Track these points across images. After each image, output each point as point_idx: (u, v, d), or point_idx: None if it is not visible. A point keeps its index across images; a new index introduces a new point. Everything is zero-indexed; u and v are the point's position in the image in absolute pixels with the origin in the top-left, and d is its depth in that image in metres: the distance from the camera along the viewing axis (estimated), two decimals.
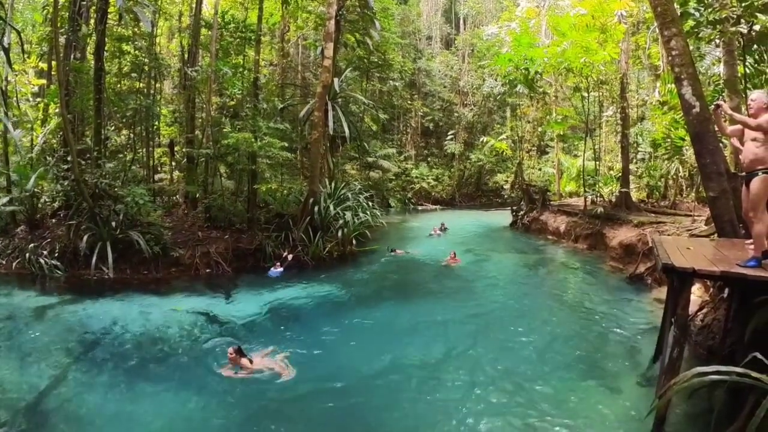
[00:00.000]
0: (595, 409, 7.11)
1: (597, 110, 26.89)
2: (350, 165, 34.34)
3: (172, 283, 14.30)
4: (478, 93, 43.01)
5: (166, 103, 22.52)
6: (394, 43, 33.91)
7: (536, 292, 14.33)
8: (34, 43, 19.77)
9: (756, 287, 5.93)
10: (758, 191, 6.20)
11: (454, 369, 8.64)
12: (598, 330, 10.51)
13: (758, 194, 6.21)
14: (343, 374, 8.46)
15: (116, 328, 10.40)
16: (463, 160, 43.44)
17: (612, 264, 16.43)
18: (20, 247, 14.74)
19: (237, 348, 8.15)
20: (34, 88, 18.61)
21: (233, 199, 18.40)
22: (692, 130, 9.39)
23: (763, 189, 6.17)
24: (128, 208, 14.67)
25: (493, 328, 10.89)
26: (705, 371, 5.08)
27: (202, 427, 6.67)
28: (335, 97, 22.09)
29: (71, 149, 14.31)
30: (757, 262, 5.89)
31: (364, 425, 6.90)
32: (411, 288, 14.93)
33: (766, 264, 5.94)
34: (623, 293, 13.28)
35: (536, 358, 9.01)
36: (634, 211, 19.52)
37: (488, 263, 17.89)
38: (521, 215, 26.60)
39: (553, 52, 20.98)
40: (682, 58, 9.34)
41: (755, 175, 6.25)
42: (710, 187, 9.02)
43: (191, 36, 19.35)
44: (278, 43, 25.76)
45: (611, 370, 8.51)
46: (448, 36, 52.66)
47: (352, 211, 19.04)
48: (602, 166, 25.81)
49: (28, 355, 9.10)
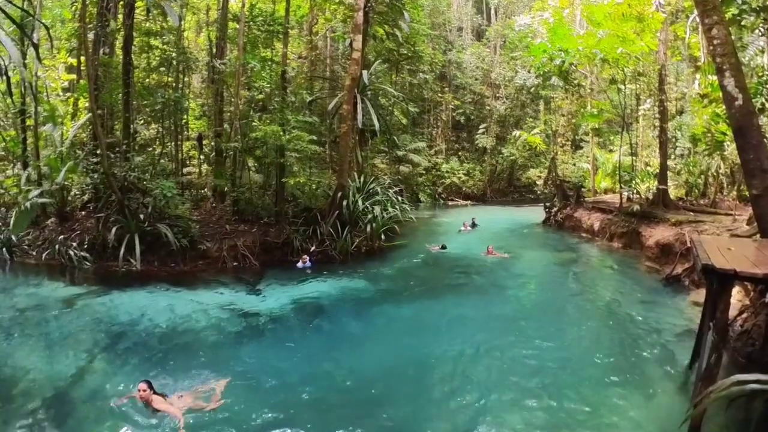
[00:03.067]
0: (626, 416, 6.82)
1: (634, 103, 26.06)
2: (379, 159, 34.18)
3: (199, 275, 14.43)
4: (510, 85, 42.26)
5: (195, 97, 22.71)
6: (424, 35, 33.50)
7: (568, 291, 13.95)
8: (63, 39, 20.11)
9: None
10: None
11: (481, 368, 8.46)
12: (632, 333, 10.12)
13: None
14: (367, 370, 8.39)
15: (143, 320, 10.52)
16: (495, 154, 42.74)
17: (648, 264, 15.88)
18: (50, 238, 15.07)
19: (148, 382, 6.76)
20: (64, 83, 18.96)
21: (261, 192, 18.45)
22: (735, 124, 8.90)
23: None
24: (156, 201, 14.81)
25: (523, 327, 10.62)
26: (744, 380, 4.75)
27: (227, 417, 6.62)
28: (364, 90, 21.91)
29: (101, 143, 14.49)
30: None
31: (386, 419, 6.77)
32: (440, 284, 14.71)
33: None
34: (659, 295, 12.81)
35: (567, 361, 8.73)
36: (672, 210, 18.86)
37: (519, 261, 17.54)
38: (554, 212, 26.04)
39: (588, 42, 20.35)
40: (724, 48, 8.83)
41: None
42: (753, 185, 8.52)
43: (219, 30, 19.42)
44: (306, 36, 25.69)
45: (645, 375, 8.14)
46: (479, 27, 51.92)
47: (381, 205, 18.91)
48: (639, 162, 25.02)
49: (56, 344, 9.29)
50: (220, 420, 6.56)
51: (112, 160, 15.12)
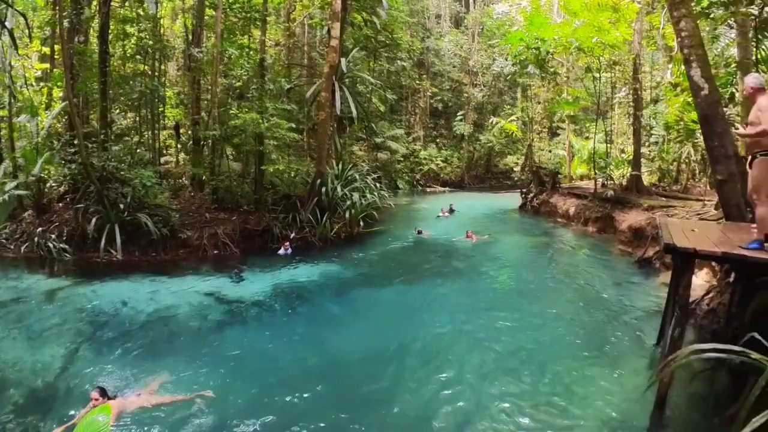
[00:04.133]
0: (598, 390, 7.16)
1: (609, 91, 26.52)
2: (358, 146, 34.24)
3: (180, 264, 14.44)
4: (488, 73, 42.58)
5: (171, 85, 22.48)
6: (402, 22, 33.53)
7: (544, 274, 14.30)
8: (36, 27, 19.71)
9: (757, 269, 5.88)
10: (759, 174, 6.12)
11: (460, 347, 8.74)
12: (604, 313, 10.49)
13: (759, 177, 6.11)
14: (349, 352, 8.61)
15: (126, 309, 10.54)
16: (473, 141, 43.12)
17: (621, 247, 16.35)
18: (28, 231, 14.87)
19: (101, 389, 6.44)
20: (38, 72, 18.61)
21: (240, 180, 18.47)
22: (701, 113, 9.25)
23: (764, 171, 6.08)
24: (135, 190, 14.77)
25: (499, 309, 10.95)
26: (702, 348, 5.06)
27: (211, 403, 6.74)
28: (342, 78, 21.93)
29: (78, 133, 14.35)
30: (759, 245, 5.83)
31: (367, 402, 6.97)
32: (418, 268, 14.96)
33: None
34: (631, 277, 13.25)
35: (542, 340, 9.06)
36: (645, 195, 19.36)
37: (496, 245, 17.88)
38: (530, 198, 26.48)
39: (565, 31, 20.65)
40: (691, 40, 9.16)
41: (756, 158, 6.17)
42: (718, 170, 8.90)
43: (195, 16, 19.22)
44: (284, 23, 25.50)
45: (616, 352, 8.50)
46: (457, 14, 52.04)
47: (360, 192, 19.08)
48: (614, 149, 25.54)
49: (39, 337, 9.23)
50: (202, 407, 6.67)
51: (90, 150, 14.98)
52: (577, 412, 6.56)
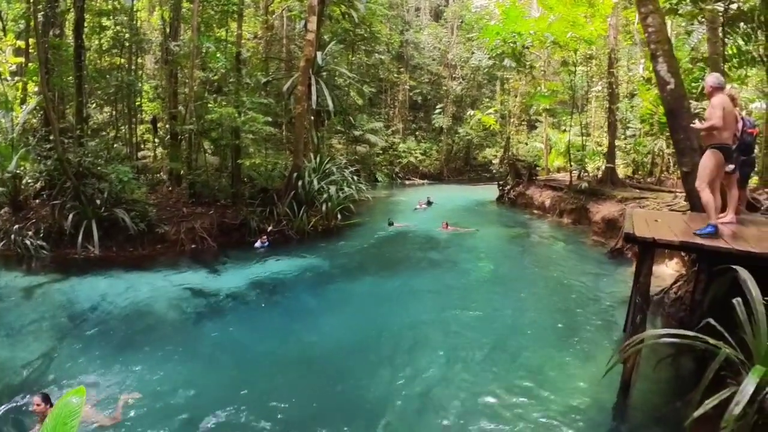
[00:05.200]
0: (568, 376, 7.45)
1: (586, 85, 26.88)
2: (336, 139, 34.24)
3: (158, 259, 14.41)
4: (466, 66, 42.69)
5: (148, 79, 22.25)
6: (381, 15, 33.43)
7: (518, 264, 14.61)
8: (11, 20, 19.34)
9: (716, 258, 6.16)
10: (703, 163, 6.76)
11: (434, 338, 8.94)
12: (576, 301, 10.81)
13: (703, 166, 6.74)
14: (325, 343, 8.76)
15: (104, 305, 10.54)
16: (452, 134, 43.30)
17: (594, 238, 16.71)
18: (4, 228, 14.65)
19: (44, 395, 6.03)
20: (12, 66, 18.29)
21: (217, 174, 18.46)
22: (667, 107, 9.55)
23: (708, 162, 6.68)
24: (112, 186, 14.67)
25: (474, 298, 11.25)
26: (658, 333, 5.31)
27: (190, 395, 6.86)
28: (319, 71, 21.97)
29: (54, 128, 14.21)
30: (713, 228, 6.21)
31: (341, 392, 7.12)
32: (394, 260, 15.17)
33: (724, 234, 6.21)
34: (603, 267, 13.59)
35: (514, 328, 9.34)
36: (619, 187, 19.73)
37: (473, 236, 18.13)
38: (507, 190, 26.79)
39: (541, 25, 20.89)
40: (658, 35, 9.42)
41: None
42: (683, 162, 9.20)
43: (172, 9, 19.04)
44: (262, 15, 25.35)
45: (586, 339, 8.80)
46: (437, 7, 52.01)
47: (337, 185, 19.17)
48: (591, 142, 25.90)
49: (18, 333, 9.21)
50: (181, 398, 6.79)
51: (66, 146, 14.84)
52: (547, 396, 6.80)
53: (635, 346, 5.35)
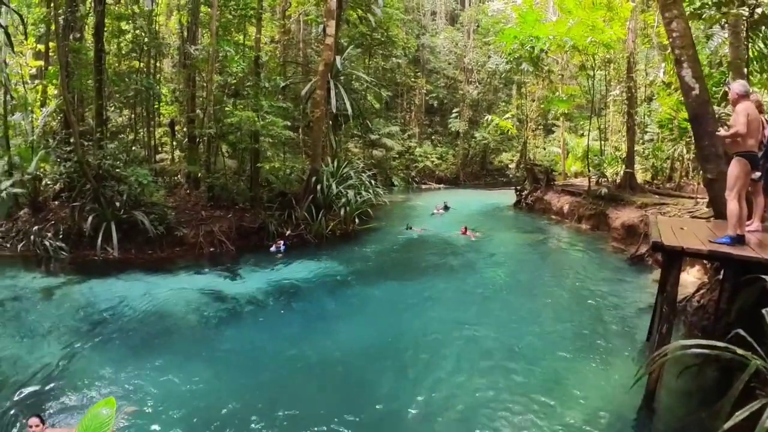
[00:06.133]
0: (589, 385, 7.33)
1: (604, 89, 26.61)
2: (353, 143, 34.21)
3: (176, 261, 14.50)
4: (483, 70, 42.51)
5: (166, 82, 22.43)
6: (397, 19, 33.43)
7: (537, 270, 14.46)
8: (31, 24, 19.62)
9: (743, 267, 6.03)
10: (731, 172, 6.57)
11: (454, 345, 8.86)
12: (596, 309, 10.66)
13: (731, 175, 6.55)
14: (344, 349, 8.71)
15: (122, 307, 10.60)
16: (468, 138, 43.08)
17: (614, 245, 16.50)
18: (24, 229, 14.85)
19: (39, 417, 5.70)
20: (32, 70, 18.52)
21: (236, 178, 18.50)
22: (691, 113, 9.39)
23: (735, 171, 6.49)
24: (132, 188, 14.79)
25: (493, 305, 11.15)
26: (687, 344, 5.19)
27: (208, 399, 6.86)
28: (337, 75, 21.96)
29: (74, 130, 14.36)
30: (730, 239, 6.11)
31: (361, 399, 7.06)
32: (412, 265, 15.09)
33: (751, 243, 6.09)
34: (623, 274, 13.39)
35: (534, 335, 9.23)
36: (638, 193, 19.46)
37: (491, 242, 18.01)
38: (525, 195, 26.58)
39: (559, 30, 20.71)
40: (682, 40, 9.27)
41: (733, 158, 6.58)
42: (708, 169, 9.04)
43: (190, 13, 19.19)
44: (279, 20, 25.46)
45: (607, 348, 8.65)
46: (452, 11, 51.92)
47: (355, 189, 19.18)
48: (609, 147, 25.59)
49: (37, 335, 9.28)
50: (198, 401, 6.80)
51: (86, 148, 14.99)
52: (568, 406, 6.69)
53: (665, 358, 5.24)
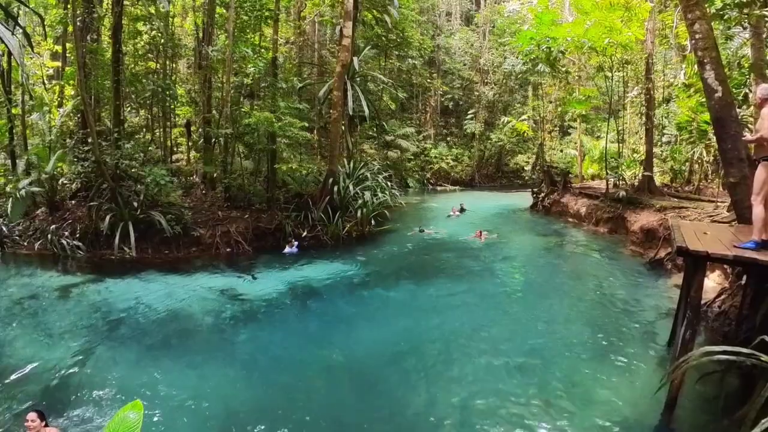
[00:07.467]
0: (608, 390, 7.21)
1: (621, 90, 26.33)
2: (368, 144, 34.26)
3: (193, 262, 14.59)
4: (498, 71, 42.26)
5: (182, 83, 22.59)
6: (413, 20, 33.48)
7: (555, 274, 14.31)
8: (48, 25, 19.85)
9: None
10: (757, 177, 6.45)
11: (471, 348, 8.79)
12: (615, 314, 10.50)
13: (757, 180, 6.44)
14: (361, 351, 8.70)
15: (140, 307, 10.67)
16: (484, 140, 42.88)
17: (632, 248, 16.26)
18: (42, 228, 15.04)
19: (40, 413, 5.81)
20: (50, 70, 18.73)
21: (252, 179, 18.56)
22: (714, 115, 9.22)
23: (762, 175, 6.37)
24: (149, 188, 14.90)
25: (511, 309, 11.06)
26: (713, 350, 5.09)
27: (226, 402, 6.86)
28: (354, 76, 21.99)
29: (92, 131, 14.50)
30: (755, 245, 6.01)
31: (377, 401, 7.05)
32: (429, 267, 15.01)
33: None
34: (642, 278, 13.19)
35: (553, 340, 9.12)
36: (657, 196, 19.20)
37: (507, 244, 17.88)
38: (542, 197, 26.35)
39: (577, 31, 20.51)
40: (705, 42, 9.12)
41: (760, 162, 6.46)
42: (731, 173, 8.88)
43: (206, 15, 19.31)
44: (294, 21, 25.57)
45: (627, 353, 8.50)
46: (467, 12, 51.78)
47: (371, 191, 19.16)
48: (626, 149, 25.31)
49: (54, 333, 9.38)
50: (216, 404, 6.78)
51: (103, 148, 15.13)
52: (588, 411, 6.61)
53: (690, 364, 5.15)
